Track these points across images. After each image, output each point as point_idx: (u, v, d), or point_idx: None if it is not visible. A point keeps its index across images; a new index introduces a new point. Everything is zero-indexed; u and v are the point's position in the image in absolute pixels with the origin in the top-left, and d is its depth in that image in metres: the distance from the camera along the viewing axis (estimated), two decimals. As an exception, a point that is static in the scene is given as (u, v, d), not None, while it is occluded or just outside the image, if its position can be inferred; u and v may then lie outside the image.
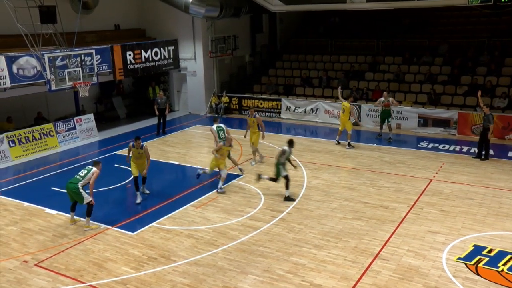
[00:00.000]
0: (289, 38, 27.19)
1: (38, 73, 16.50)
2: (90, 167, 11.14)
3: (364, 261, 9.13)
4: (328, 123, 20.45)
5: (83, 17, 18.81)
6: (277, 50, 27.13)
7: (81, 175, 10.99)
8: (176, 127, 20.98)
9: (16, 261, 9.61)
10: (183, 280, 8.67)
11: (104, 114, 22.46)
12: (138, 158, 12.39)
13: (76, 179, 10.93)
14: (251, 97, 22.85)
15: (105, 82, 20.53)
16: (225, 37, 22.99)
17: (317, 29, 26.78)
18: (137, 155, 12.36)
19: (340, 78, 22.48)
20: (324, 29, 26.38)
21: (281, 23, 27.25)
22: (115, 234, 10.64)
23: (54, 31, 15.71)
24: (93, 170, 10.99)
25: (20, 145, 16.69)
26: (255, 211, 11.60)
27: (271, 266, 9.05)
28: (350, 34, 24.94)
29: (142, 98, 23.52)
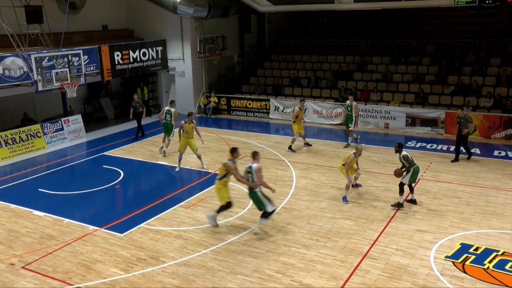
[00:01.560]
0: (278, 38, 27.24)
1: (25, 74, 16.34)
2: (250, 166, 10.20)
3: (353, 260, 9.18)
4: (316, 123, 20.53)
5: (70, 17, 18.68)
6: (266, 50, 27.16)
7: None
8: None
9: (2, 264, 9.50)
10: (172, 281, 8.65)
11: (92, 115, 22.34)
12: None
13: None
14: (239, 98, 22.85)
15: (93, 82, 20.41)
16: (213, 37, 22.98)
17: (305, 29, 26.85)
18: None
19: (328, 78, 22.58)
20: (312, 29, 26.46)
21: (269, 23, 27.28)
22: (104, 235, 10.57)
23: (41, 31, 15.57)
24: (254, 166, 10.11)
25: (6, 147, 16.51)
26: (244, 211, 11.60)
27: (261, 266, 9.06)
28: (338, 34, 25.07)
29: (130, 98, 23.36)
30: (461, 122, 14.73)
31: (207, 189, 13.06)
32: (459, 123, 14.80)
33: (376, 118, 19.63)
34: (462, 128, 14.70)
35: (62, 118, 18.87)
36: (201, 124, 20.32)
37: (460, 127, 14.79)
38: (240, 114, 22.60)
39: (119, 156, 16.76)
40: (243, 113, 22.53)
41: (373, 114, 19.69)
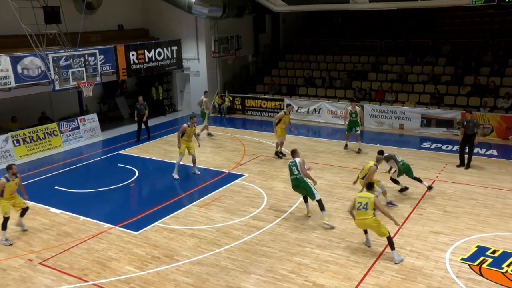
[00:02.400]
0: (292, 38, 27.21)
1: (42, 73, 16.58)
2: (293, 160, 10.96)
3: (367, 261, 9.14)
4: (330, 123, 20.47)
5: (87, 17, 18.87)
6: (280, 50, 27.17)
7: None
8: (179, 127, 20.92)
9: (21, 259, 9.68)
10: (186, 280, 8.70)
11: (108, 114, 22.55)
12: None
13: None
14: (254, 97, 22.89)
15: (108, 82, 20.60)
16: (228, 37, 23.04)
17: (320, 29, 26.80)
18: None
19: (343, 78, 22.51)
20: (327, 29, 26.39)
21: (284, 23, 27.27)
22: (119, 233, 10.68)
23: (58, 31, 15.79)
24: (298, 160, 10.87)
25: (24, 145, 16.77)
26: (258, 211, 11.63)
27: (274, 266, 9.07)
28: (353, 34, 24.96)
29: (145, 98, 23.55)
30: (468, 126, 14.09)
31: (221, 189, 13.11)
32: (466, 127, 14.18)
33: (391, 119, 19.51)
34: (468, 132, 14.08)
35: (78, 117, 19.11)
36: (215, 124, 20.42)
37: (466, 131, 14.16)
38: (254, 114, 22.63)
39: (134, 155, 16.91)
40: (257, 113, 22.56)
41: (387, 114, 19.58)
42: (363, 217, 9.13)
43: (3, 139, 16.22)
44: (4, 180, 10.30)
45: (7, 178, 10.35)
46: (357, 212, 9.23)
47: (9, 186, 10.35)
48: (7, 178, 10.35)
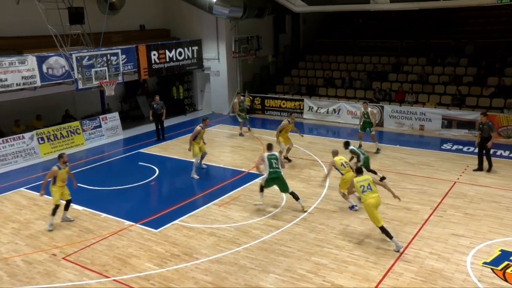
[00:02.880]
0: (312, 38, 27.17)
1: (66, 73, 16.92)
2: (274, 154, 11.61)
3: (386, 262, 9.11)
4: (350, 124, 20.38)
5: (109, 17, 19.13)
6: (300, 50, 27.15)
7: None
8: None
9: (46, 254, 9.91)
10: (205, 278, 8.79)
11: (129, 113, 22.82)
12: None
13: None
14: (273, 97, 22.93)
15: (130, 81, 20.86)
16: (248, 37, 23.12)
17: (340, 29, 26.70)
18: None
19: (363, 78, 22.40)
20: (347, 30, 26.28)
21: (304, 24, 27.25)
22: (139, 231, 10.84)
23: (82, 31, 16.04)
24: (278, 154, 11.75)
25: (48, 142, 17.13)
26: (277, 210, 11.68)
27: (293, 266, 9.10)
28: (374, 34, 24.80)
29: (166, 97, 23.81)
30: (484, 128, 13.87)
31: (240, 188, 13.18)
32: (481, 130, 13.96)
33: (411, 120, 19.34)
34: (484, 135, 13.87)
35: (100, 116, 19.42)
36: (235, 123, 20.50)
37: (482, 134, 13.93)
38: (274, 113, 22.67)
39: (155, 153, 17.11)
40: (277, 112, 22.60)
41: (407, 115, 19.42)
42: (373, 195, 9.62)
43: (29, 137, 16.60)
44: (56, 168, 10.93)
45: (58, 166, 10.99)
46: (364, 195, 9.65)
47: (60, 174, 10.99)
48: (59, 166, 11.00)
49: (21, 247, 10.24)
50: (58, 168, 10.98)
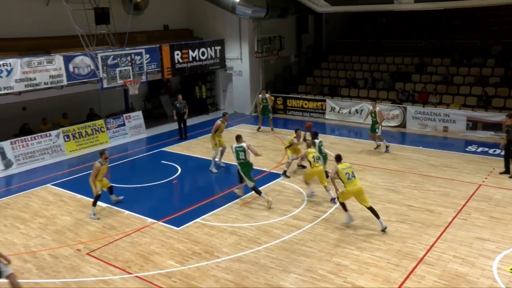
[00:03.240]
0: (335, 38, 27.04)
1: (92, 72, 17.24)
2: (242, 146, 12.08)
3: (408, 265, 9.02)
4: (373, 125, 20.23)
5: (134, 17, 19.39)
6: (323, 50, 27.05)
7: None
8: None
9: (71, 249, 10.14)
10: (226, 276, 8.86)
11: (152, 112, 23.09)
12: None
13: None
14: (296, 97, 22.92)
15: (153, 80, 21.11)
16: (271, 37, 23.15)
17: (363, 29, 26.50)
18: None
19: (385, 79, 22.21)
20: (370, 30, 26.08)
21: (327, 24, 27.14)
22: (161, 228, 10.97)
23: (107, 31, 16.31)
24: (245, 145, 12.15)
25: (74, 140, 17.48)
26: (298, 210, 11.68)
27: (313, 266, 9.10)
28: (397, 35, 24.53)
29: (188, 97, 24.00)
30: (510, 131, 13.58)
31: (261, 187, 13.12)
32: (508, 132, 13.65)
33: (435, 121, 19.09)
34: (510, 137, 13.56)
35: (124, 114, 19.71)
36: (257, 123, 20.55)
37: (508, 136, 13.63)
38: (296, 114, 22.65)
39: (177, 152, 17.28)
40: (299, 113, 22.58)
41: (431, 116, 19.18)
42: (356, 183, 10.41)
43: (55, 135, 16.97)
44: (99, 164, 11.69)
45: (100, 162, 11.75)
46: (349, 182, 10.38)
47: (102, 169, 11.79)
48: (101, 162, 11.76)
49: (48, 242, 10.49)
50: (101, 164, 11.73)
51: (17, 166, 15.84)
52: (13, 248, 10.26)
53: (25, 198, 13.23)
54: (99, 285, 8.72)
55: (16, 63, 15.30)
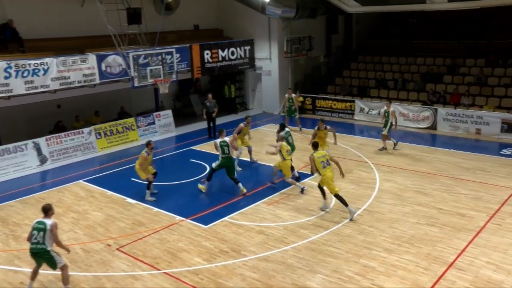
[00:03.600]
0: (365, 39, 26.79)
1: (123, 71, 17.56)
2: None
3: (438, 269, 8.87)
4: (402, 126, 19.95)
5: (165, 17, 19.63)
6: (353, 51, 26.83)
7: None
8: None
9: (101, 244, 10.36)
10: (252, 275, 8.90)
11: (182, 111, 23.33)
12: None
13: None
14: (324, 98, 22.81)
15: (183, 79, 21.34)
16: (300, 37, 23.11)
17: (393, 30, 26.16)
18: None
19: (416, 80, 21.87)
20: (401, 30, 25.72)
21: (357, 24, 26.91)
22: (189, 226, 11.09)
23: (138, 31, 16.60)
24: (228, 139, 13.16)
25: (105, 138, 17.84)
26: (326, 211, 11.63)
27: (340, 267, 9.05)
28: (428, 35, 24.12)
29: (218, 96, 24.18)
30: None
31: (289, 187, 13.21)
32: None
33: (467, 123, 18.69)
34: None
35: (154, 113, 19.98)
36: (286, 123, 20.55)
37: None
38: (324, 114, 22.53)
39: (206, 151, 17.41)
40: (327, 113, 22.46)
41: (463, 118, 18.79)
42: (330, 168, 11.09)
43: (87, 132, 17.37)
44: (146, 154, 12.51)
45: (147, 152, 12.56)
46: (324, 170, 10.99)
47: (149, 159, 12.65)
48: (147, 152, 12.57)
49: (80, 236, 10.76)
50: (147, 154, 12.52)
51: (52, 162, 16.28)
52: (46, 241, 10.56)
53: (58, 193, 13.59)
54: (128, 280, 8.89)
55: (52, 63, 15.74)
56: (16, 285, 8.91)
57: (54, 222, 8.19)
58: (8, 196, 13.47)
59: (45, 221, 8.11)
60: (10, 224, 11.57)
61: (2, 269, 9.50)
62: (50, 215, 8.24)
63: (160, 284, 8.71)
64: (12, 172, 15.34)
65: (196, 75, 20.96)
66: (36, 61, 15.40)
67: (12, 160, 15.41)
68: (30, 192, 13.71)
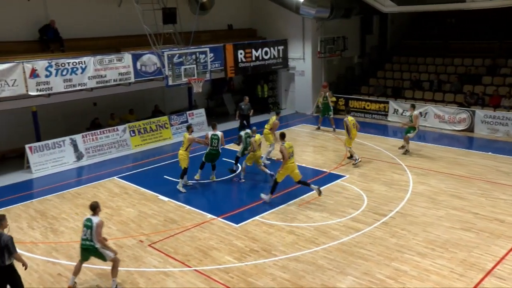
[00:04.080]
0: (400, 39, 26.34)
1: (158, 70, 17.83)
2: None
3: (474, 276, 8.60)
4: (437, 128, 19.56)
5: (199, 17, 19.82)
6: (387, 51, 26.43)
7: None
8: (282, 125, 21.22)
9: (134, 239, 10.55)
10: (282, 275, 8.88)
11: (215, 110, 23.49)
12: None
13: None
14: (358, 99, 22.55)
15: (216, 79, 21.50)
16: (334, 37, 22.93)
17: (430, 30, 25.61)
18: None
19: (453, 81, 21.36)
20: (438, 30, 25.16)
21: (392, 24, 26.49)
22: (220, 225, 11.16)
23: (173, 30, 16.82)
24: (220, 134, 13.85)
25: (139, 135, 18.17)
26: (358, 212, 11.51)
27: (371, 270, 8.94)
28: (467, 35, 23.50)
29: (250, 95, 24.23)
30: None
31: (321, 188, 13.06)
32: None
33: (507, 126, 18.11)
34: None
35: (187, 111, 20.21)
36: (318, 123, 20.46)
37: None
38: (357, 115, 22.22)
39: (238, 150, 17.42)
40: (360, 114, 22.19)
41: (503, 121, 18.23)
42: (293, 160, 12.10)
43: (122, 129, 17.73)
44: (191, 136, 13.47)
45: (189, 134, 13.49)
46: (290, 160, 11.99)
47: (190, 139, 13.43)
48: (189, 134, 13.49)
49: (113, 232, 10.98)
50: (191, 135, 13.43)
51: (87, 158, 16.70)
52: (82, 235, 10.84)
53: (93, 189, 13.92)
54: (159, 276, 9.02)
55: (90, 61, 16.13)
56: (55, 276, 9.18)
57: (100, 221, 8.46)
58: (47, 190, 13.91)
59: (92, 218, 8.42)
60: (49, 218, 11.94)
61: (42, 260, 9.81)
62: (97, 213, 8.55)
63: (191, 281, 8.80)
64: (51, 167, 15.83)
65: (229, 75, 21.08)
66: (75, 60, 15.83)
67: (51, 156, 15.90)
68: (67, 187, 14.10)
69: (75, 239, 10.58)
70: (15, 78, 14.42)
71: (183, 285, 8.68)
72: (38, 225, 11.51)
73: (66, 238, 10.78)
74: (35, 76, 14.88)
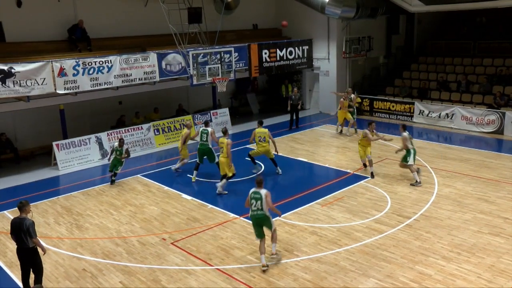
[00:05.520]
0: (427, 39, 25.91)
1: (182, 69, 17.96)
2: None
3: (504, 283, 8.35)
4: (464, 130, 19.18)
5: (224, 17, 19.90)
6: (413, 52, 26.04)
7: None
8: (306, 125, 21.27)
9: (157, 237, 10.64)
10: (304, 275, 8.83)
11: (238, 109, 23.57)
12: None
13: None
14: (383, 99, 22.28)
15: (241, 78, 21.55)
16: (359, 38, 22.72)
17: (458, 29, 25.13)
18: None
19: (482, 82, 20.90)
20: (466, 30, 24.66)
21: (419, 24, 26.09)
22: (243, 224, 11.16)
23: (199, 30, 16.92)
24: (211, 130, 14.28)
25: (163, 134, 18.34)
26: (381, 214, 11.36)
27: (394, 272, 8.81)
28: (498, 34, 22.95)
29: (275, 95, 24.23)
30: None
31: (344, 189, 13.05)
32: None
33: (538, 129, 17.66)
34: None
35: (211, 111, 20.30)
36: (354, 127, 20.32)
37: None
38: (382, 116, 22.03)
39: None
40: (385, 115, 21.93)
41: (534, 124, 17.78)
42: (264, 144, 14.06)
43: (146, 128, 17.93)
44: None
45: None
46: (259, 144, 14.03)
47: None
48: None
49: (137, 229, 11.10)
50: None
51: (112, 156, 16.90)
52: (107, 231, 11.00)
53: (117, 187, 14.11)
54: (181, 274, 9.07)
55: (116, 60, 16.35)
56: (80, 271, 9.33)
57: (267, 191, 9.16)
58: (73, 187, 14.18)
59: (260, 191, 9.13)
60: (74, 214, 12.15)
61: (67, 255, 9.99)
62: (262, 186, 9.27)
63: (213, 280, 8.82)
64: (77, 164, 16.12)
65: (254, 74, 21.09)
66: (101, 59, 16.07)
67: (77, 153, 16.18)
68: (92, 185, 14.34)
69: (99, 236, 10.76)
70: (44, 77, 14.73)
71: (204, 284, 8.71)
72: (64, 221, 11.73)
73: (91, 234, 10.94)
74: (63, 74, 15.18)
